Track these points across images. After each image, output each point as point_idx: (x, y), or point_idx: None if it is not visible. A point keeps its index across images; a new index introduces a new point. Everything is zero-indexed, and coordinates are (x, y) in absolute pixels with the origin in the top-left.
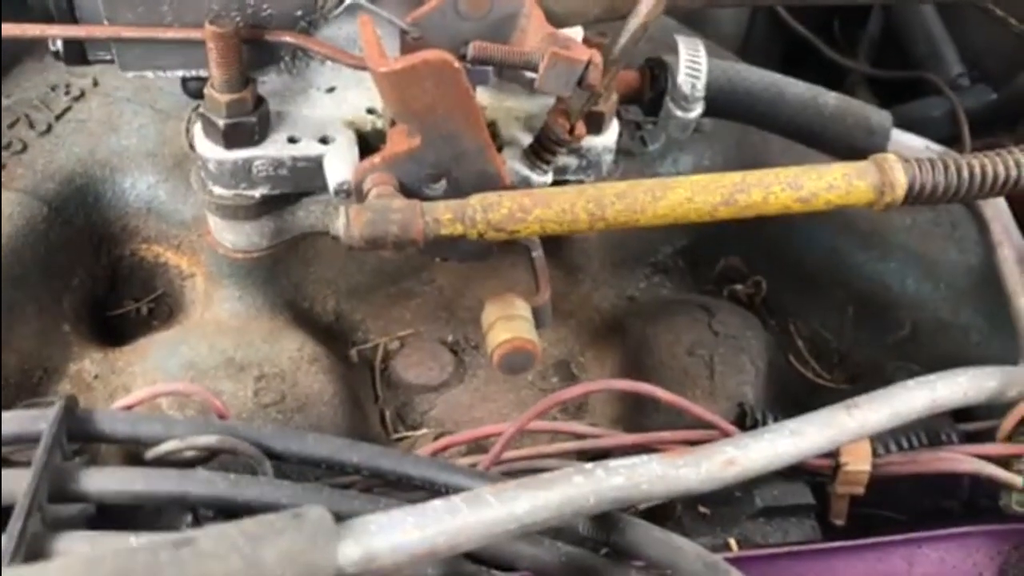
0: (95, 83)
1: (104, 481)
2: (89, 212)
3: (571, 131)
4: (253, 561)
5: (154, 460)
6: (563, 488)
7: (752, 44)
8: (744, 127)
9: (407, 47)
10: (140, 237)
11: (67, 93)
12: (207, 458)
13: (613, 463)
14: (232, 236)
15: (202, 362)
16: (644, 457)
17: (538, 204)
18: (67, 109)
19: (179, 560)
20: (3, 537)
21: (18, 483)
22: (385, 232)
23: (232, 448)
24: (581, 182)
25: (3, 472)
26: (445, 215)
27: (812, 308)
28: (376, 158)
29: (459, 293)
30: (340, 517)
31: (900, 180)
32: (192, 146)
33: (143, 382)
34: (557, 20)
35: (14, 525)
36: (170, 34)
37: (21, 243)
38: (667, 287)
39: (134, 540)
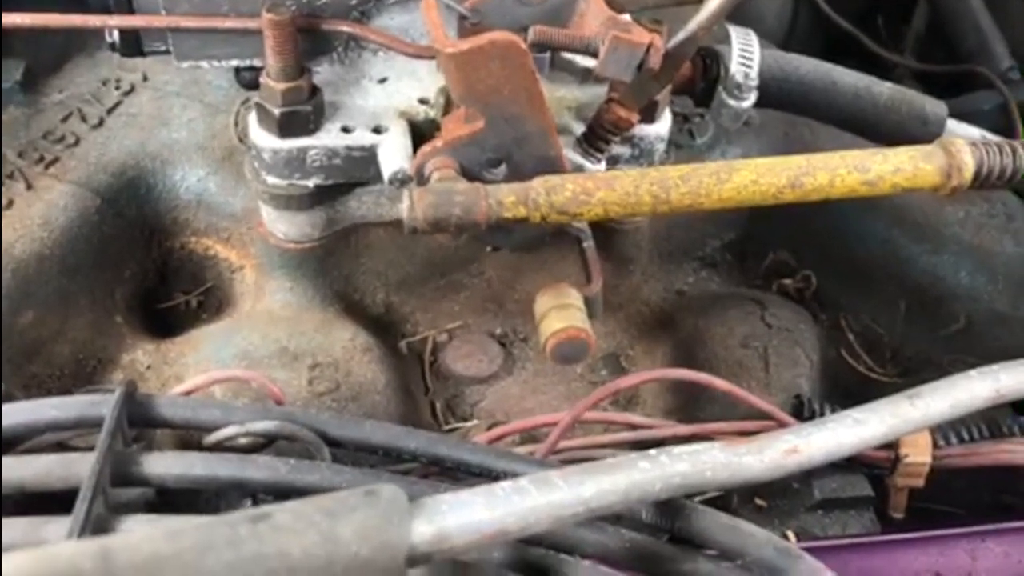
0: (144, 78)
1: (165, 465)
2: (141, 204)
3: (625, 120)
4: (329, 536)
5: (212, 446)
6: (629, 473)
7: (795, 39)
8: (792, 119)
9: (465, 33)
10: (190, 230)
11: (117, 88)
12: (264, 445)
13: (677, 449)
14: (284, 226)
15: (255, 351)
16: (707, 444)
17: (601, 187)
18: (118, 103)
19: (257, 534)
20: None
21: (82, 466)
22: (448, 214)
23: (291, 434)
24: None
25: (66, 456)
26: (508, 198)
27: (863, 302)
28: (438, 142)
29: (508, 286)
30: None
31: (968, 163)
32: (241, 139)
33: (196, 372)
34: (616, 5)
35: (80, 507)
36: (228, 23)
37: (75, 234)
38: (715, 282)
39: (185, 521)
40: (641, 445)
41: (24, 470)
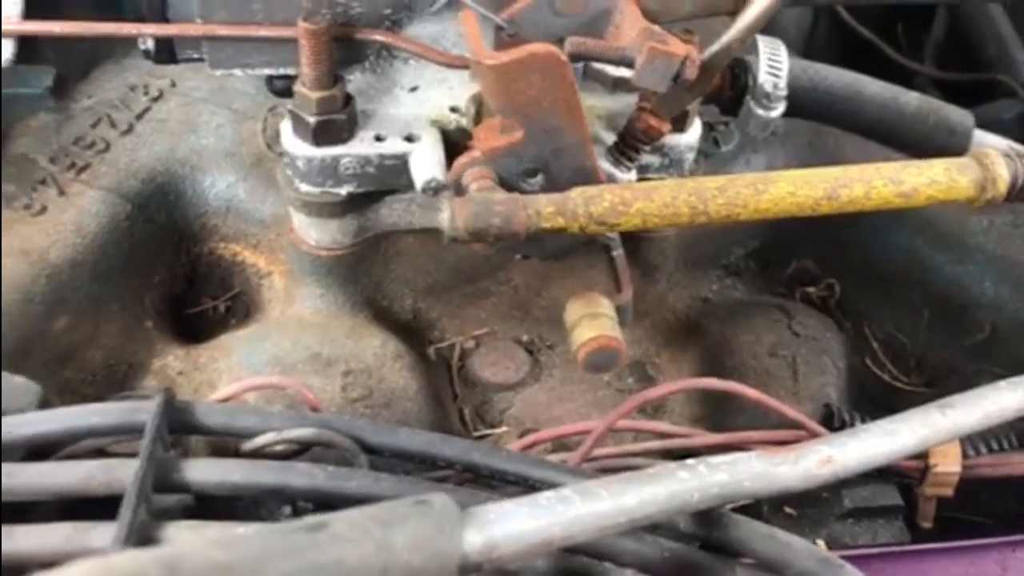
0: (172, 84)
1: (205, 472)
2: (170, 210)
3: (656, 129)
4: (384, 545)
5: (250, 453)
6: (669, 483)
7: (814, 48)
8: (816, 128)
9: (501, 43)
10: (218, 235)
11: (146, 94)
12: (299, 451)
13: (715, 460)
14: (316, 233)
15: (287, 358)
16: (744, 455)
17: (639, 197)
18: (147, 109)
19: (316, 543)
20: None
21: (123, 472)
22: (488, 224)
23: (328, 441)
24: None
25: (107, 462)
26: (547, 208)
27: (887, 310)
28: (476, 152)
29: (535, 293)
30: None
31: (1003, 175)
32: (269, 146)
33: (228, 378)
34: (650, 16)
35: (125, 513)
36: (263, 32)
37: (106, 240)
38: (739, 289)
39: (241, 530)
40: (671, 454)
41: (66, 476)
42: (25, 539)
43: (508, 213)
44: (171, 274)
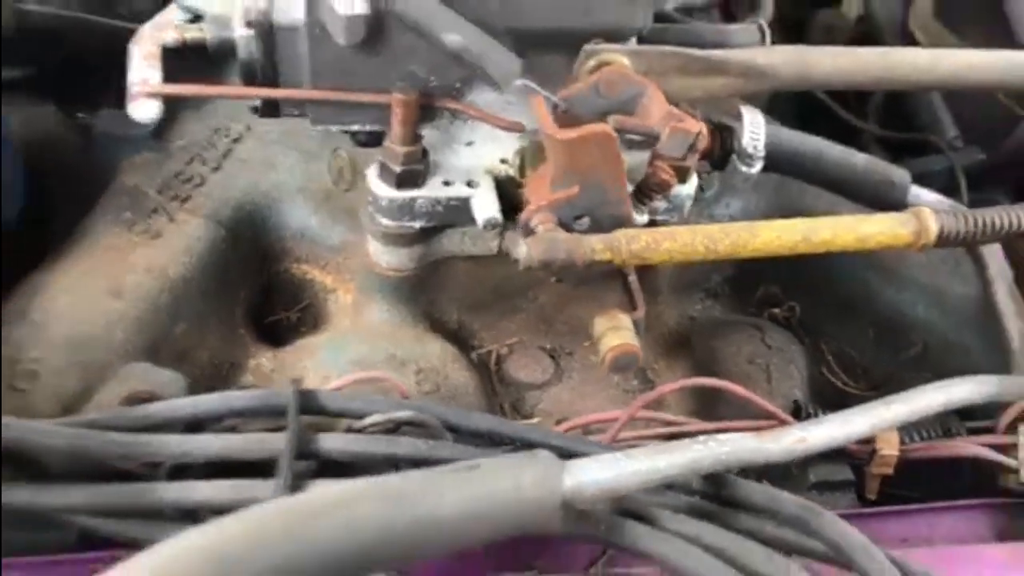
0: (248, 127)
1: (334, 443)
2: (256, 235)
3: (668, 183)
4: (517, 483)
5: (358, 430)
6: (689, 453)
7: (776, 105)
8: (783, 178)
9: (558, 118)
10: (293, 257)
11: (227, 136)
12: (392, 430)
13: (721, 437)
14: (388, 258)
15: (368, 358)
16: (740, 434)
17: (667, 238)
18: (230, 150)
19: (471, 478)
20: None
21: (272, 443)
22: (555, 257)
23: (421, 421)
24: (666, 221)
25: (260, 435)
26: (599, 245)
27: (839, 329)
28: (543, 201)
29: (557, 310)
30: None
31: (933, 228)
32: (335, 183)
33: (315, 376)
34: (670, 98)
35: (282, 471)
36: (364, 98)
37: (207, 261)
38: (718, 309)
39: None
40: (673, 439)
41: (228, 443)
42: (206, 491)
43: (570, 249)
44: (253, 290)
